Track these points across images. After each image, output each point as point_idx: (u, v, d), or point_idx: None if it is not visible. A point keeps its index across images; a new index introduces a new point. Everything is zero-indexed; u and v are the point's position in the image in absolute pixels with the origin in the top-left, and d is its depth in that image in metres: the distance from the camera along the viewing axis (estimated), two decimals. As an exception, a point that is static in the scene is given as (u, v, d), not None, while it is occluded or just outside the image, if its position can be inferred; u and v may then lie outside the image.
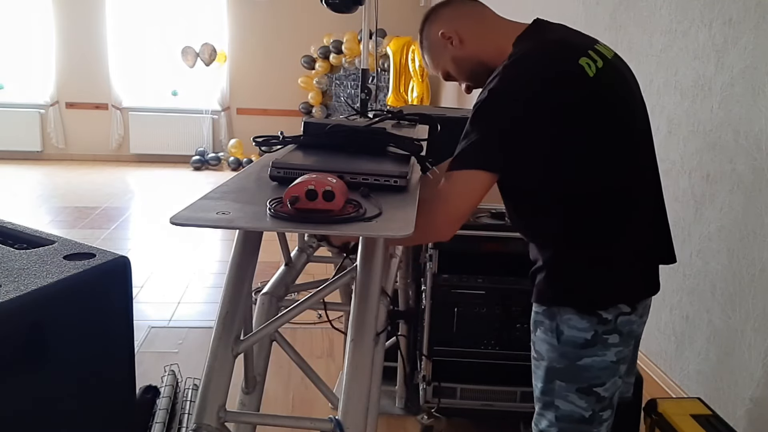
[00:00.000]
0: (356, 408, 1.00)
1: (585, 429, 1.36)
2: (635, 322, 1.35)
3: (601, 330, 1.30)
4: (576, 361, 1.32)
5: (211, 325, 1.08)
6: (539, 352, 1.39)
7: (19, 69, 7.90)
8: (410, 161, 1.21)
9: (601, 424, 1.37)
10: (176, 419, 2.27)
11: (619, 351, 1.32)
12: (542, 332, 1.37)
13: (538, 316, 1.38)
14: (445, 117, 2.58)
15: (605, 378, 1.33)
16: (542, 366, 1.38)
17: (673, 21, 2.76)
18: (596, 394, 1.34)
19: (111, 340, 1.01)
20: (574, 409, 1.35)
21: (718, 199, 2.42)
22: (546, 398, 1.38)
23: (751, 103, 2.25)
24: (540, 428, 1.42)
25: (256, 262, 1.16)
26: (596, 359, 1.31)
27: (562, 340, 1.33)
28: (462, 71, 1.44)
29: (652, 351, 2.84)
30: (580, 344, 1.31)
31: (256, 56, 8.18)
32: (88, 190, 6.54)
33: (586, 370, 1.32)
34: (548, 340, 1.35)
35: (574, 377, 1.33)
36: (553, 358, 1.35)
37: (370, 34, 3.28)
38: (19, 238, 1.08)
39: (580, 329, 1.30)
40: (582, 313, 1.30)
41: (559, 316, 1.33)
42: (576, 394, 1.34)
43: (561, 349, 1.33)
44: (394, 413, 2.52)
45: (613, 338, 1.31)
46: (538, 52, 1.29)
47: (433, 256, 2.17)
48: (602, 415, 1.36)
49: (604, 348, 1.31)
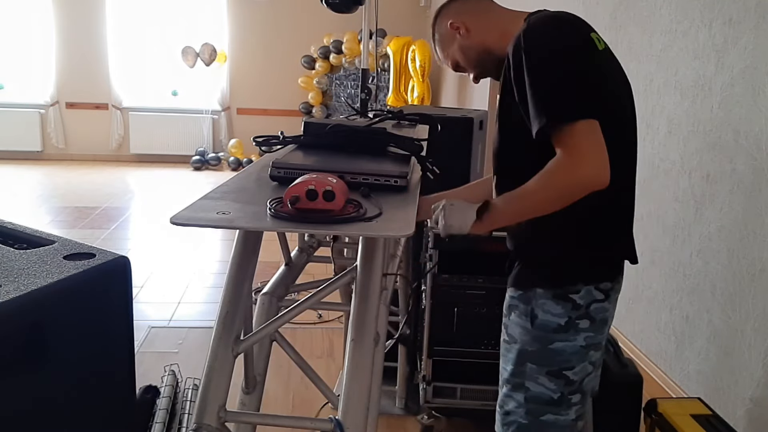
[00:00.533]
0: (356, 408, 1.00)
1: (553, 410, 1.40)
2: (608, 310, 1.39)
3: (574, 315, 1.35)
4: (548, 345, 1.37)
5: (211, 325, 1.08)
6: (512, 335, 1.43)
7: (19, 69, 7.90)
8: (410, 161, 1.21)
9: (569, 408, 1.41)
10: (176, 419, 2.26)
11: (588, 336, 1.37)
12: (516, 316, 1.41)
13: (513, 300, 1.43)
14: (445, 117, 2.58)
15: (575, 362, 1.37)
16: (514, 349, 1.42)
17: (673, 21, 2.76)
18: (566, 377, 1.38)
19: (111, 340, 1.01)
20: (543, 391, 1.39)
21: (718, 199, 2.42)
22: (516, 380, 1.42)
23: (751, 103, 2.25)
24: (506, 409, 1.46)
25: (256, 262, 1.16)
26: (567, 344, 1.36)
27: (536, 324, 1.37)
28: (470, 59, 1.48)
29: (652, 351, 2.84)
30: (552, 328, 1.36)
31: (256, 56, 8.18)
32: (88, 190, 6.54)
33: (557, 354, 1.37)
34: (522, 324, 1.40)
35: (545, 360, 1.38)
36: (526, 341, 1.39)
37: (370, 34, 3.28)
38: (19, 238, 1.08)
39: (554, 314, 1.35)
40: (557, 298, 1.35)
41: (535, 301, 1.37)
42: (546, 377, 1.38)
43: (534, 332, 1.38)
44: (394, 413, 2.52)
45: (583, 323, 1.36)
46: (560, 12, 1.34)
47: (433, 256, 2.17)
48: (571, 399, 1.40)
49: (575, 333, 1.36)
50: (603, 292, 1.37)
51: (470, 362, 2.18)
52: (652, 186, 2.87)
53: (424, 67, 6.88)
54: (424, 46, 6.95)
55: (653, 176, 2.86)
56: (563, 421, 1.41)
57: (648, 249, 2.89)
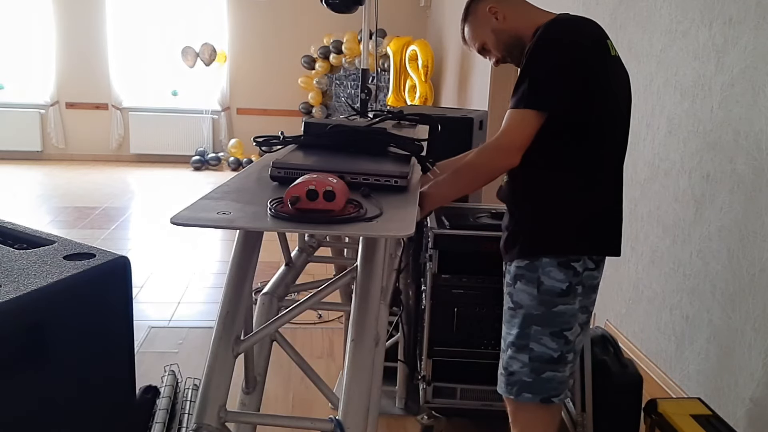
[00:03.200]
0: (356, 408, 1.00)
1: (553, 368, 1.58)
2: (596, 278, 1.62)
3: (574, 281, 1.54)
4: (552, 308, 1.55)
5: (211, 325, 1.08)
6: (517, 302, 1.59)
7: (19, 69, 7.90)
8: (411, 161, 1.21)
9: (566, 365, 1.59)
10: (176, 419, 2.26)
11: (581, 299, 1.58)
12: (523, 284, 1.58)
13: (520, 270, 1.59)
14: (445, 117, 2.58)
15: (573, 323, 1.57)
16: (520, 314, 1.59)
17: (673, 21, 2.76)
18: (565, 337, 1.57)
19: (111, 340, 1.01)
20: (545, 350, 1.57)
21: (718, 199, 2.42)
22: (521, 342, 1.59)
23: (751, 103, 2.25)
24: (511, 370, 1.62)
25: (257, 262, 1.16)
26: (568, 307, 1.55)
27: (542, 290, 1.55)
28: (499, 44, 1.65)
29: (652, 351, 2.84)
30: (557, 293, 1.54)
31: (256, 56, 8.17)
32: (88, 190, 6.54)
33: (559, 316, 1.55)
34: (528, 291, 1.57)
35: (549, 322, 1.56)
36: (532, 306, 1.56)
37: (370, 34, 3.28)
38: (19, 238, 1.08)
39: (558, 280, 1.54)
40: (561, 266, 1.53)
41: (541, 269, 1.54)
42: (549, 337, 1.56)
43: (540, 297, 1.55)
44: (394, 413, 2.52)
45: (579, 289, 1.56)
46: (577, 17, 1.54)
47: (433, 256, 2.17)
48: (567, 357, 1.59)
49: (574, 297, 1.55)
50: (594, 261, 1.58)
51: (470, 362, 2.18)
52: (652, 186, 2.87)
53: (427, 67, 6.87)
54: (425, 46, 6.95)
55: (653, 176, 2.85)
56: (560, 377, 1.59)
57: (648, 249, 2.89)
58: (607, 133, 1.55)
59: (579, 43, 1.46)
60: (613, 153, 1.59)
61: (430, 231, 2.16)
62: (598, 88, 1.48)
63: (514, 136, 1.46)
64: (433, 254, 2.16)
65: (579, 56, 1.45)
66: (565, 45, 1.45)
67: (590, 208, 1.56)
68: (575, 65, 1.44)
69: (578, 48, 1.46)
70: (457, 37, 6.70)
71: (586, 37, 1.48)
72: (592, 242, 1.57)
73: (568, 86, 1.44)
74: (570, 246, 1.55)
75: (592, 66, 1.46)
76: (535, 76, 1.44)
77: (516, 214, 1.64)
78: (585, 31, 1.50)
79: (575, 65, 1.44)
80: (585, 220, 1.56)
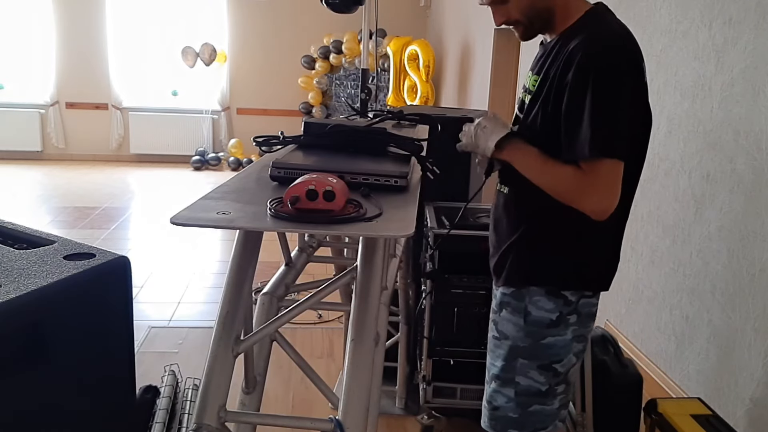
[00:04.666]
0: (356, 408, 1.00)
1: (541, 401, 1.46)
2: (595, 305, 1.45)
3: (565, 311, 1.41)
4: (540, 340, 1.42)
5: (211, 325, 1.08)
6: (502, 332, 1.47)
7: (19, 69, 7.90)
8: (410, 161, 1.21)
9: (555, 398, 1.47)
10: (176, 419, 2.26)
11: (575, 329, 1.43)
12: (508, 313, 1.45)
13: (505, 297, 1.46)
14: (445, 117, 2.58)
15: (563, 355, 1.43)
16: (505, 345, 1.46)
17: (673, 21, 2.76)
18: (554, 369, 1.44)
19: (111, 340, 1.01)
20: (532, 384, 1.45)
21: (718, 199, 2.42)
22: (506, 375, 1.47)
23: (751, 103, 2.25)
24: (495, 405, 1.50)
25: (257, 262, 1.16)
26: (558, 338, 1.42)
27: (529, 321, 1.42)
28: (529, 14, 1.42)
29: (652, 351, 2.84)
30: (545, 324, 1.41)
31: (256, 56, 8.17)
32: (88, 190, 6.54)
33: (548, 348, 1.42)
34: (514, 321, 1.44)
35: (536, 355, 1.43)
36: (518, 337, 1.44)
37: (370, 34, 3.28)
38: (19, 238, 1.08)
39: (547, 310, 1.41)
40: (549, 294, 1.40)
41: (528, 297, 1.42)
42: (537, 371, 1.44)
43: (527, 328, 1.43)
44: (394, 413, 2.52)
45: (572, 318, 1.42)
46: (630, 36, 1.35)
47: (433, 256, 2.17)
48: (557, 389, 1.46)
49: (565, 327, 1.42)
50: (592, 289, 1.44)
51: (470, 362, 2.18)
52: (652, 186, 2.87)
53: (429, 67, 6.86)
54: (426, 46, 6.95)
55: (653, 176, 2.85)
56: (549, 411, 1.47)
57: (648, 249, 2.89)
58: (637, 168, 1.42)
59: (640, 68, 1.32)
60: (630, 191, 1.44)
61: (430, 231, 2.16)
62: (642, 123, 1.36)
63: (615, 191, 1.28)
64: (433, 254, 2.16)
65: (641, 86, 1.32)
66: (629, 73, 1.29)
67: (599, 244, 1.42)
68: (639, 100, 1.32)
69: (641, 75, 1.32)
70: (457, 37, 6.71)
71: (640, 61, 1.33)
72: (591, 279, 1.43)
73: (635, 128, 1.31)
74: (564, 280, 1.41)
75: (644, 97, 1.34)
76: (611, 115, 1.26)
77: (507, 233, 1.48)
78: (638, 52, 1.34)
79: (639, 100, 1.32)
80: (590, 255, 1.42)
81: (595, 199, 1.28)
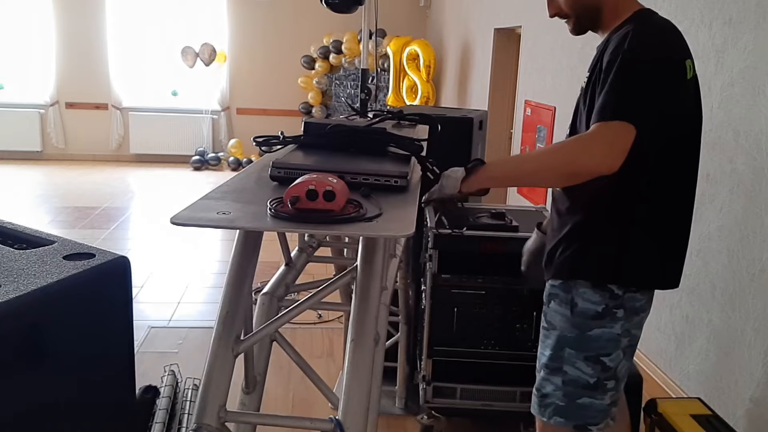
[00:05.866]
0: (356, 408, 1.00)
1: (589, 394, 1.48)
2: (640, 300, 1.46)
3: (611, 304, 1.43)
4: (586, 331, 1.45)
5: (211, 325, 1.08)
6: (551, 322, 1.51)
7: (19, 69, 7.89)
8: (410, 161, 1.20)
9: (605, 393, 1.48)
10: (176, 419, 2.26)
11: (622, 324, 1.45)
12: (556, 304, 1.49)
13: (554, 289, 1.51)
14: (445, 117, 2.58)
15: (611, 349, 1.45)
16: (553, 335, 1.50)
17: (673, 21, 2.76)
18: (602, 363, 1.46)
19: (111, 340, 1.01)
20: (580, 375, 1.47)
21: (718, 199, 2.42)
22: (554, 364, 1.50)
23: (751, 103, 2.25)
24: (544, 392, 1.53)
25: (257, 262, 1.16)
26: (605, 330, 1.44)
27: (575, 312, 1.46)
28: (577, 9, 1.48)
29: (652, 351, 2.84)
30: (591, 316, 1.44)
31: (256, 56, 8.17)
32: (88, 190, 6.54)
33: (594, 340, 1.45)
34: (561, 311, 1.48)
35: (583, 346, 1.46)
36: (565, 327, 1.47)
37: (370, 34, 3.28)
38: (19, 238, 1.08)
39: (593, 302, 1.43)
40: (596, 287, 1.43)
41: (575, 290, 1.45)
42: (584, 362, 1.46)
43: (573, 319, 1.46)
44: (394, 413, 2.52)
45: (620, 312, 1.44)
46: (674, 28, 1.41)
47: (433, 256, 2.17)
48: (607, 384, 1.47)
49: (612, 321, 1.44)
50: (637, 284, 1.45)
51: (470, 362, 2.18)
52: (652, 186, 2.87)
53: (430, 67, 6.86)
54: (426, 46, 6.94)
55: (653, 176, 2.85)
56: (599, 405, 1.48)
57: (648, 249, 2.89)
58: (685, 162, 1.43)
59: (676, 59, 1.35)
60: (686, 185, 1.45)
61: (430, 231, 2.16)
62: (675, 113, 1.36)
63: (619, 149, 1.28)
64: (433, 254, 2.16)
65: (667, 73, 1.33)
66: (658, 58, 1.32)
67: (643, 240, 1.43)
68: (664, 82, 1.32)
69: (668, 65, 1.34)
70: (457, 37, 6.71)
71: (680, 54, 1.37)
72: (635, 274, 1.44)
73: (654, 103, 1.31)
74: (608, 274, 1.43)
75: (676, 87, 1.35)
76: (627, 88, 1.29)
77: (558, 228, 1.51)
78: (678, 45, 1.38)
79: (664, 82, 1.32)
80: (633, 251, 1.43)
81: (597, 153, 1.28)
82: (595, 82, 1.38)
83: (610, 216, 1.42)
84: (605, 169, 1.27)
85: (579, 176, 1.32)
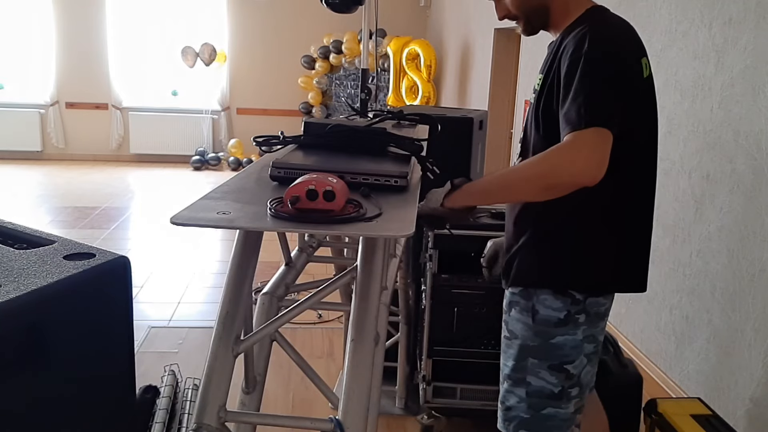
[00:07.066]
0: (356, 408, 1.00)
1: (554, 404, 1.44)
2: (603, 304, 1.43)
3: (573, 310, 1.39)
4: (549, 339, 1.41)
5: (211, 325, 1.08)
6: (512, 331, 1.47)
7: (19, 69, 7.90)
8: (410, 161, 1.20)
9: (569, 401, 1.45)
10: (176, 419, 2.26)
11: (585, 329, 1.41)
12: (517, 312, 1.46)
13: (514, 296, 1.47)
14: (445, 117, 2.58)
15: (574, 356, 1.42)
16: (515, 344, 1.46)
17: (673, 21, 2.76)
18: (566, 371, 1.42)
19: (111, 340, 1.01)
20: (544, 385, 1.43)
21: (718, 199, 2.42)
22: (517, 375, 1.46)
23: (751, 103, 2.25)
24: (508, 405, 1.49)
25: (257, 262, 1.16)
26: (568, 338, 1.41)
27: (537, 320, 1.42)
28: (525, 9, 1.45)
29: (652, 351, 2.84)
30: (553, 323, 1.40)
31: (256, 56, 8.17)
32: (88, 190, 6.54)
33: (558, 348, 1.41)
34: (523, 320, 1.44)
35: (546, 354, 1.42)
36: (527, 336, 1.43)
37: (370, 34, 3.28)
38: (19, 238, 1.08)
39: (554, 309, 1.40)
40: (557, 294, 1.39)
41: (536, 297, 1.42)
42: (547, 371, 1.42)
43: (535, 327, 1.42)
44: (394, 413, 2.52)
45: (581, 318, 1.40)
46: (629, 26, 1.38)
47: (433, 256, 2.17)
48: (571, 392, 1.44)
49: (574, 327, 1.40)
50: (599, 289, 1.42)
51: (470, 362, 2.18)
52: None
53: (431, 67, 6.86)
54: (427, 46, 6.94)
55: (653, 176, 2.86)
56: (563, 414, 1.45)
57: (648, 249, 2.90)
58: (642, 162, 1.40)
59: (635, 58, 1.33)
60: (645, 184, 1.42)
61: (430, 231, 2.16)
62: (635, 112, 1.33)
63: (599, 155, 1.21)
64: (433, 254, 2.16)
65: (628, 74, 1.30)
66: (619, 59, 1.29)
67: (603, 244, 1.40)
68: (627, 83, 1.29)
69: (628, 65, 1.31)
70: (457, 37, 6.71)
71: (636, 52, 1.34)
72: (596, 279, 1.41)
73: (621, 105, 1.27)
74: (568, 280, 1.40)
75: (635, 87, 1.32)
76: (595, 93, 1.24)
77: (514, 237, 1.48)
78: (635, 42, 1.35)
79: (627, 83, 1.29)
80: (593, 256, 1.40)
81: (579, 162, 1.21)
82: (552, 85, 1.33)
83: (568, 222, 1.39)
84: (588, 180, 1.21)
85: (560, 187, 1.25)
